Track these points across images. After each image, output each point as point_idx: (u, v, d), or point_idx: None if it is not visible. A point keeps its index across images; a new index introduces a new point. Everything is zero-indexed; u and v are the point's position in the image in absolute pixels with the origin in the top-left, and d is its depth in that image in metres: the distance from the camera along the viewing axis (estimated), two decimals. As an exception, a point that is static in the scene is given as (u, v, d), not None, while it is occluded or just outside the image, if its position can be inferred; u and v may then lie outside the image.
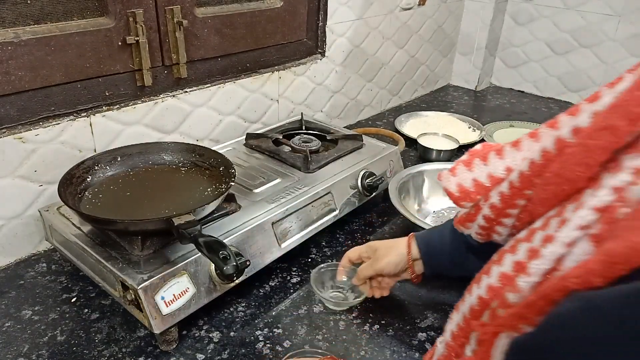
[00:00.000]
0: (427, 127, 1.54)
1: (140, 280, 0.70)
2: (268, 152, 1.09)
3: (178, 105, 1.09)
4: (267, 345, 0.77)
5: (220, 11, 1.10)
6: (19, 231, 0.92)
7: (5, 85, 0.83)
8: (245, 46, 1.18)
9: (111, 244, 0.78)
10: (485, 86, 2.05)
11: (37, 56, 0.85)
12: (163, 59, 1.02)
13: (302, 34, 1.32)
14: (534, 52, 1.92)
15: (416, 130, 1.48)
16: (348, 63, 1.49)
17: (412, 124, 1.58)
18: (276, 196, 0.92)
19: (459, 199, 0.59)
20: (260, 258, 0.85)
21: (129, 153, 0.92)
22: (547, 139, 0.47)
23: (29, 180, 0.90)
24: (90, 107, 0.96)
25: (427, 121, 1.60)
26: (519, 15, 1.91)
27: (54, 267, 0.92)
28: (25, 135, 0.87)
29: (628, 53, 1.72)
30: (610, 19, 1.72)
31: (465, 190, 0.58)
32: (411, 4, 1.64)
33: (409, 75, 1.79)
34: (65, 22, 0.89)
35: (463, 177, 0.59)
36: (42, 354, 0.74)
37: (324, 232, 0.98)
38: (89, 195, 0.84)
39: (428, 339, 0.79)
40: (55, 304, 0.83)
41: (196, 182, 0.89)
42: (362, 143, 1.15)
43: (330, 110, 1.50)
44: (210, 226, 0.82)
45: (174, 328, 0.74)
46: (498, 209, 0.54)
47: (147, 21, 0.96)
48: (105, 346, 0.75)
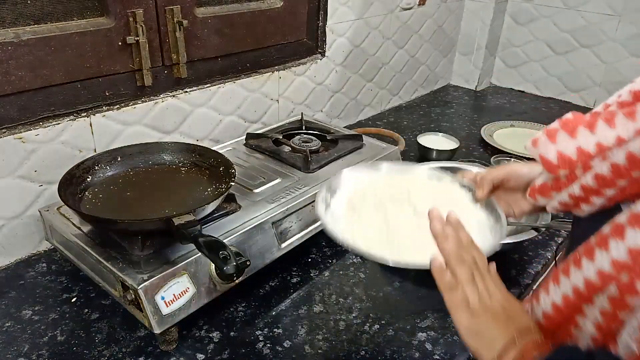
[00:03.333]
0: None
1: (140, 280, 0.70)
2: (268, 152, 1.09)
3: (178, 105, 1.09)
4: (267, 345, 0.77)
5: (221, 11, 1.10)
6: (19, 231, 0.92)
7: (5, 85, 0.83)
8: (246, 46, 1.18)
9: (111, 244, 0.77)
10: (486, 86, 2.05)
11: (37, 56, 0.85)
12: (163, 59, 1.02)
13: (302, 34, 1.32)
14: (534, 52, 1.92)
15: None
16: (348, 63, 1.49)
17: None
18: (276, 196, 0.92)
19: (557, 168, 0.56)
20: (260, 258, 0.85)
21: (129, 153, 0.92)
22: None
23: (29, 180, 0.90)
24: (91, 107, 0.96)
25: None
26: (519, 15, 1.91)
27: (54, 267, 0.92)
28: (25, 135, 0.87)
29: (628, 53, 1.72)
30: (610, 19, 1.72)
31: (566, 158, 0.55)
32: (411, 3, 1.64)
33: (409, 75, 1.79)
34: (65, 22, 0.89)
35: (565, 145, 0.55)
36: (42, 354, 0.74)
37: (324, 232, 0.98)
38: (89, 195, 0.84)
39: (428, 339, 0.79)
40: (55, 304, 0.83)
41: (196, 182, 0.89)
42: (362, 143, 1.15)
43: (330, 110, 1.50)
44: (210, 226, 0.82)
45: (174, 328, 0.74)
46: (606, 180, 0.51)
47: (147, 21, 0.96)
48: (106, 346, 0.75)
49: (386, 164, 0.82)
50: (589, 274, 0.46)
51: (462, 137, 1.48)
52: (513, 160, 1.29)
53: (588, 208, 0.56)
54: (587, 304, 0.46)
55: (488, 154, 1.41)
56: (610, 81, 1.78)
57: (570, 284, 0.48)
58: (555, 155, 0.56)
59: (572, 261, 0.49)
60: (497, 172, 0.76)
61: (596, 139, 0.53)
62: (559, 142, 0.56)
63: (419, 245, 0.64)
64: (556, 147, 0.56)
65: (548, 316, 0.50)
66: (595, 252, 0.46)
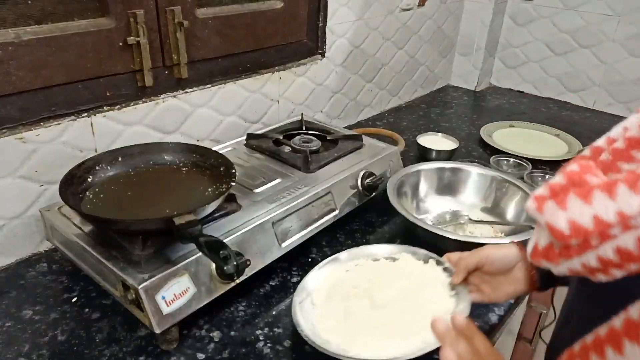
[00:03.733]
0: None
1: (141, 279, 0.70)
2: (268, 152, 1.09)
3: (179, 106, 1.09)
4: (267, 344, 0.77)
5: (221, 12, 1.11)
6: (19, 231, 0.92)
7: (6, 85, 0.83)
8: (246, 47, 1.18)
9: (112, 244, 0.78)
10: (485, 86, 2.05)
11: (38, 56, 0.85)
12: (164, 59, 1.03)
13: (302, 35, 1.32)
14: (534, 52, 1.92)
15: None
16: (348, 63, 1.49)
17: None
18: (276, 196, 0.92)
19: (569, 238, 0.47)
20: (260, 258, 0.85)
21: (130, 153, 0.92)
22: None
23: (30, 180, 0.90)
24: (91, 108, 0.96)
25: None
26: (518, 16, 1.91)
27: (55, 267, 0.92)
28: (26, 135, 0.87)
29: (628, 53, 1.72)
30: (610, 19, 1.72)
31: (580, 228, 0.46)
32: (411, 4, 1.64)
33: (408, 75, 1.79)
34: (66, 22, 0.89)
35: (578, 212, 0.46)
36: (43, 353, 0.74)
37: (324, 232, 0.99)
38: (90, 195, 0.84)
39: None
40: (56, 304, 0.83)
41: (197, 182, 0.89)
42: (362, 143, 1.15)
43: (330, 110, 1.50)
44: (211, 226, 0.82)
45: (175, 328, 0.74)
46: (631, 256, 0.44)
47: (148, 22, 0.96)
48: (106, 346, 0.76)
49: (342, 254, 0.88)
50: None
51: (462, 138, 1.49)
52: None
53: (605, 278, 0.48)
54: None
55: (487, 154, 1.41)
56: (610, 81, 1.78)
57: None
58: (567, 225, 0.47)
59: (593, 348, 0.45)
60: (470, 259, 0.76)
61: (617, 207, 0.44)
62: (570, 209, 0.47)
63: (374, 341, 0.69)
64: (567, 215, 0.47)
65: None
66: (624, 345, 0.41)
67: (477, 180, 1.14)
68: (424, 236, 0.96)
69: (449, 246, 0.94)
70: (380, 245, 0.89)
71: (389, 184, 1.05)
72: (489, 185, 1.13)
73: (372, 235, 1.04)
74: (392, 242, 1.03)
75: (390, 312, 0.74)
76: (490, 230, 1.05)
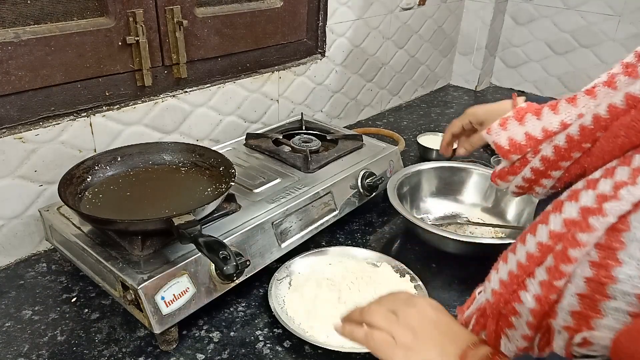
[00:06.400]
0: None
1: (140, 280, 0.70)
2: (268, 152, 1.09)
3: (178, 105, 1.09)
4: (267, 345, 0.77)
5: (220, 11, 1.10)
6: (19, 231, 0.92)
7: (5, 85, 0.83)
8: (245, 46, 1.18)
9: (111, 244, 0.78)
10: (486, 86, 2.05)
11: (37, 56, 0.85)
12: (163, 59, 1.02)
13: (302, 34, 1.32)
14: (534, 52, 1.92)
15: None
16: (348, 63, 1.49)
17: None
18: (276, 196, 0.92)
19: (509, 152, 0.61)
20: (260, 258, 0.85)
21: (129, 153, 0.92)
22: (616, 96, 0.49)
23: (29, 180, 0.90)
24: (91, 107, 0.96)
25: None
26: (519, 15, 1.91)
27: (54, 267, 0.92)
28: (25, 135, 0.87)
29: (628, 53, 1.71)
30: (610, 19, 1.72)
31: (516, 143, 0.60)
32: (411, 4, 1.64)
33: (409, 75, 1.79)
34: (65, 22, 0.89)
35: (514, 131, 0.60)
36: (42, 354, 0.74)
37: (324, 232, 0.98)
38: (89, 195, 0.84)
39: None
40: (55, 304, 0.83)
41: (196, 182, 0.89)
42: (362, 143, 1.15)
43: (330, 110, 1.50)
44: (210, 226, 0.82)
45: (174, 328, 0.74)
46: (550, 162, 0.56)
47: (147, 21, 0.96)
48: (105, 346, 0.75)
49: (333, 248, 0.94)
50: (530, 247, 0.47)
51: (462, 137, 1.48)
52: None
53: (540, 190, 0.61)
54: (529, 277, 0.46)
55: (488, 154, 1.41)
56: (610, 81, 1.78)
57: (515, 259, 0.49)
58: (507, 142, 0.60)
59: (519, 239, 0.50)
60: (459, 121, 0.91)
61: (542, 124, 0.58)
62: (509, 129, 0.61)
63: (331, 330, 0.69)
64: (507, 133, 0.61)
65: (495, 292, 0.50)
66: (537, 228, 0.47)
67: (478, 180, 1.14)
68: (424, 236, 0.96)
69: (448, 246, 0.94)
70: (368, 251, 0.94)
71: (389, 184, 1.05)
72: (489, 185, 1.13)
73: (372, 236, 1.04)
74: (392, 242, 1.03)
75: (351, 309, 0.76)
76: (491, 230, 1.05)
